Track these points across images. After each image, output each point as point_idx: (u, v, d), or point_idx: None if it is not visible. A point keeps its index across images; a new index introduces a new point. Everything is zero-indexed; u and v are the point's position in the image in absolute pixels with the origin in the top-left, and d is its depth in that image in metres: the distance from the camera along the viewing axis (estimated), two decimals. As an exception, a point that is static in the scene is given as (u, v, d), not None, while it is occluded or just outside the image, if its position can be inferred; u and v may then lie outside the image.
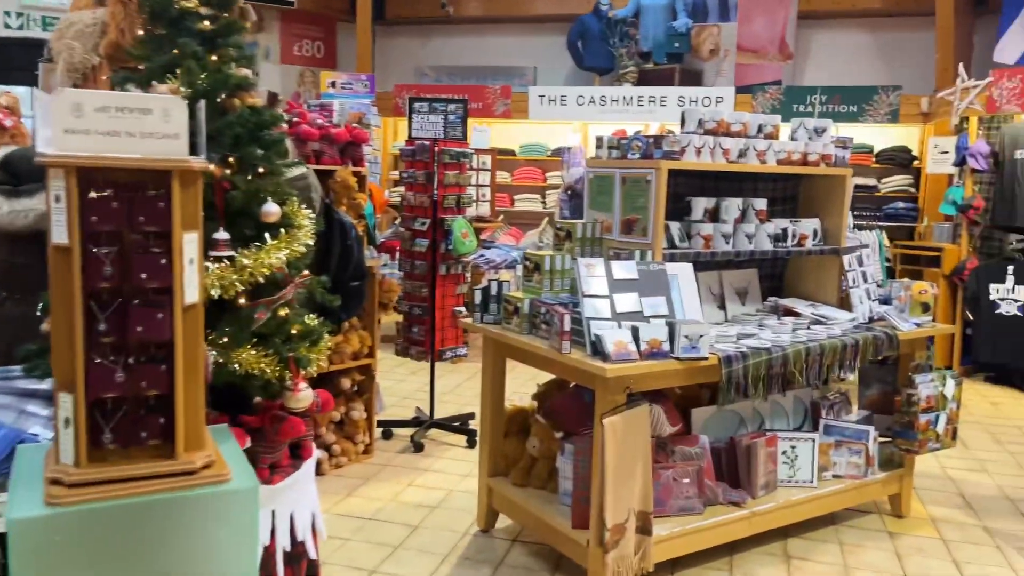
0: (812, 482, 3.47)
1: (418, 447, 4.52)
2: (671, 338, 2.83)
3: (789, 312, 3.59)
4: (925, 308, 3.73)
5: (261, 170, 2.19)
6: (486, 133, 7.86)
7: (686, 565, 3.21)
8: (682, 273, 3.07)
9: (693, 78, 8.67)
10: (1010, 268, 6.31)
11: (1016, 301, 6.29)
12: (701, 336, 2.82)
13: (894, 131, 8.03)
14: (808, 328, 3.38)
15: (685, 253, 3.17)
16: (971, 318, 6.54)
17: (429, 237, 4.61)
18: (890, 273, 6.59)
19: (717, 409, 3.37)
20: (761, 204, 3.41)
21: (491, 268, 6.62)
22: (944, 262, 6.73)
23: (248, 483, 1.68)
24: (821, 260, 3.71)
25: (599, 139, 3.41)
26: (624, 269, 2.98)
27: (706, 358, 2.85)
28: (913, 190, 7.93)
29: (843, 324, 3.46)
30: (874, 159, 7.99)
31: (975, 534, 3.67)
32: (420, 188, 4.65)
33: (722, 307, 3.61)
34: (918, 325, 3.61)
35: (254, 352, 2.16)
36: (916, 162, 7.91)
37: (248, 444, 2.19)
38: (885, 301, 3.78)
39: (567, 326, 2.85)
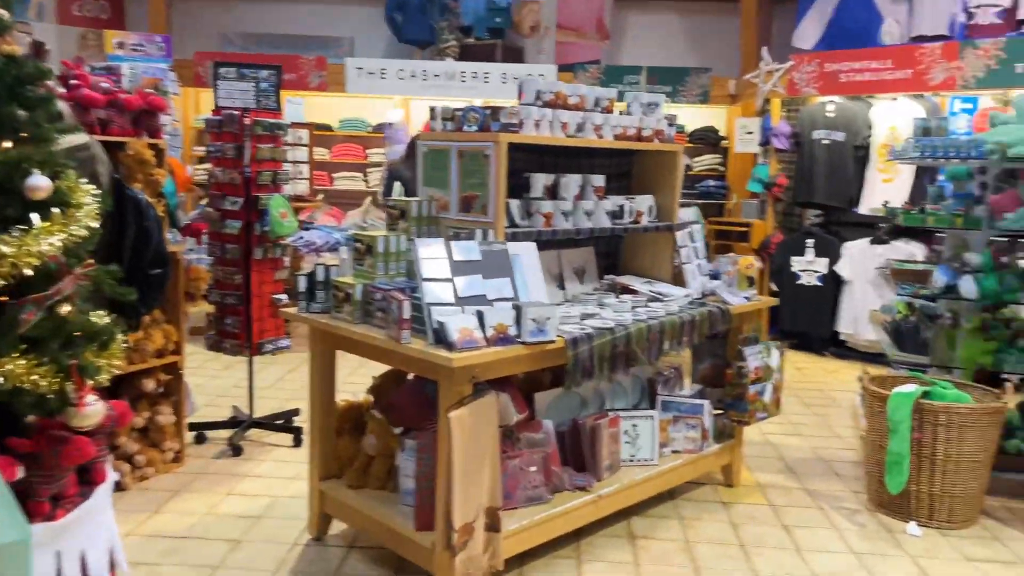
0: (653, 459, 3.46)
1: (237, 450, 4.10)
2: (518, 322, 2.66)
3: (627, 290, 3.55)
4: (751, 282, 3.82)
5: (24, 135, 1.76)
6: (300, 106, 7.36)
7: (534, 556, 3.08)
8: (525, 253, 2.92)
9: (515, 55, 8.59)
10: (810, 242, 6.76)
11: (815, 272, 6.75)
12: (548, 319, 2.68)
13: (704, 112, 8.38)
14: (646, 305, 3.35)
15: (527, 232, 3.01)
16: (776, 289, 6.96)
17: (242, 218, 4.16)
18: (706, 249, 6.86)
19: (562, 393, 3.26)
20: (599, 181, 3.32)
21: (312, 251, 6.18)
22: (753, 237, 7.11)
23: (15, 534, 1.31)
24: (655, 237, 3.70)
25: (432, 110, 3.17)
26: (465, 250, 2.77)
27: (553, 341, 2.72)
28: (722, 168, 8.33)
29: (679, 300, 3.46)
30: (687, 139, 8.31)
31: (799, 497, 3.84)
32: (230, 163, 4.18)
33: (561, 287, 3.50)
34: (747, 299, 3.69)
35: (23, 361, 1.74)
36: (724, 142, 8.30)
37: (20, 475, 1.77)
38: (714, 276, 3.84)
39: (407, 313, 2.60)
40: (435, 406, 2.65)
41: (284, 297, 4.34)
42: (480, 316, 2.62)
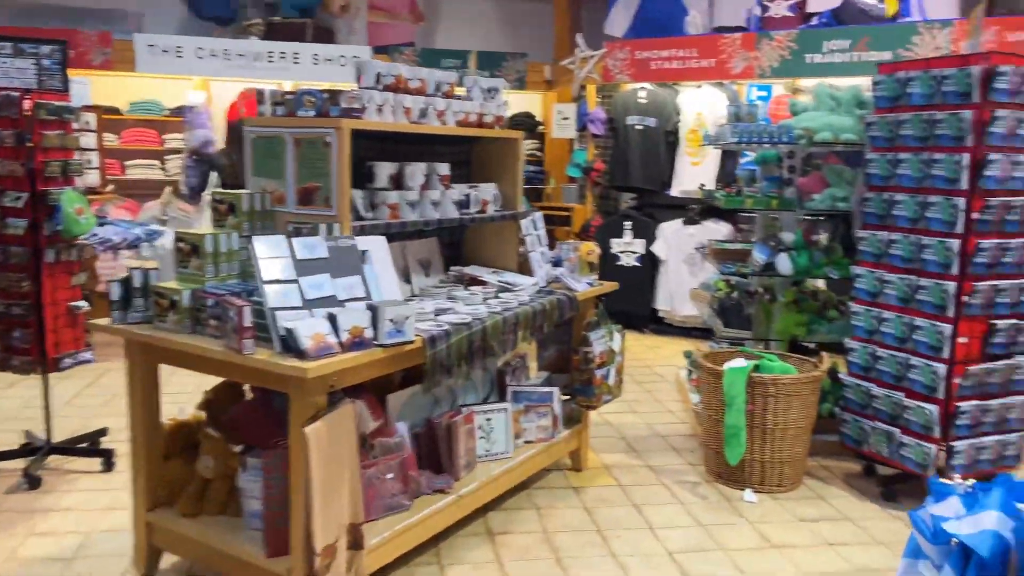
0: (508, 452, 3.40)
1: (34, 482, 3.57)
2: (374, 323, 2.47)
3: (475, 281, 3.45)
4: (592, 267, 3.85)
5: None
6: (86, 87, 6.57)
7: (394, 567, 2.92)
8: (375, 247, 2.72)
9: (325, 35, 8.18)
10: (627, 224, 7.00)
11: (633, 253, 7.01)
12: (407, 318, 2.51)
13: (521, 97, 8.43)
14: (497, 296, 3.27)
15: (374, 224, 2.82)
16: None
17: (28, 216, 3.60)
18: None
19: (415, 392, 3.11)
20: (444, 169, 3.18)
21: (108, 250, 5.54)
22: (574, 221, 7.27)
23: None
24: (500, 226, 3.63)
25: (260, 93, 2.88)
26: (309, 247, 2.53)
27: (412, 341, 2.56)
28: (540, 154, 8.44)
29: (528, 289, 3.41)
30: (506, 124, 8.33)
31: (644, 475, 3.94)
32: (8, 153, 3.59)
33: (407, 281, 3.33)
34: (589, 284, 3.72)
35: None
36: (541, 127, 8.41)
37: None
38: (556, 263, 3.83)
39: (248, 320, 2.33)
40: (283, 420, 2.41)
41: (84, 304, 3.83)
42: (332, 319, 2.40)
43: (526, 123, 8.39)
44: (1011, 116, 3.30)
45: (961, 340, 3.42)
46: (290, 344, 2.33)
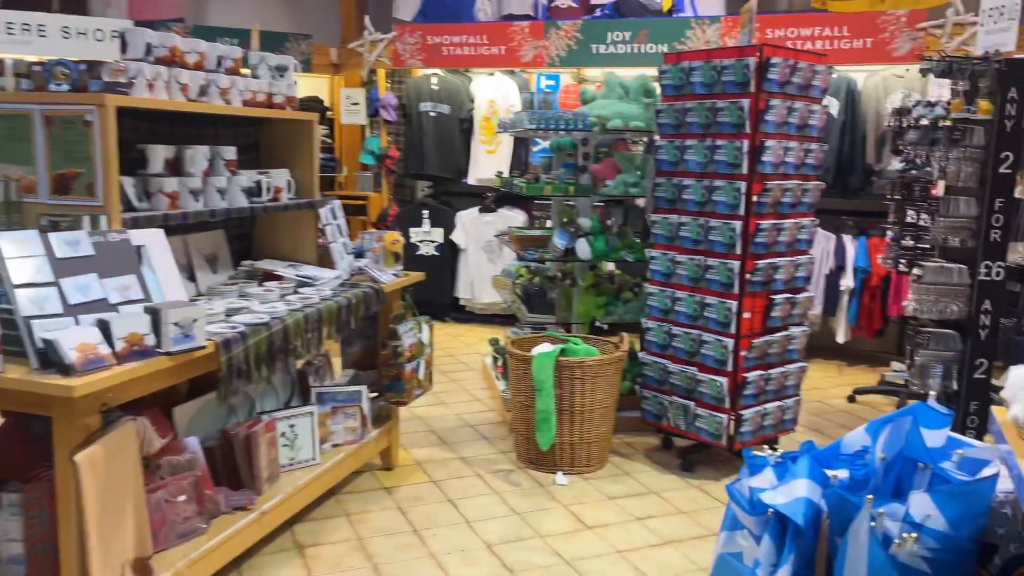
0: (315, 459, 3.18)
1: None
2: (155, 328, 2.16)
3: (270, 276, 3.17)
4: (396, 258, 3.70)
5: None
6: None
7: (191, 598, 2.62)
8: (152, 242, 2.39)
9: (76, 5, 7.29)
10: (425, 213, 6.89)
11: (433, 242, 6.92)
12: (194, 320, 2.22)
13: (307, 81, 8.01)
14: (296, 292, 3.03)
15: (150, 216, 2.48)
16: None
17: None
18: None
19: (207, 402, 2.80)
20: (230, 153, 2.88)
21: None
22: (370, 210, 7.04)
23: None
24: (295, 215, 3.37)
25: (0, 63, 2.42)
26: (71, 244, 2.17)
27: (203, 347, 2.27)
28: (330, 140, 8.08)
29: (330, 283, 3.19)
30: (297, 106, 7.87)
31: (457, 468, 3.86)
32: None
33: (192, 279, 2.99)
34: (395, 275, 3.56)
35: None
36: (330, 112, 8.06)
37: None
38: (359, 254, 3.64)
39: (-6, 333, 1.95)
40: (46, 447, 2.05)
41: None
42: (104, 326, 2.07)
43: (314, 108, 7.98)
44: (781, 104, 3.56)
45: (745, 315, 3.65)
46: (51, 358, 1.97)
